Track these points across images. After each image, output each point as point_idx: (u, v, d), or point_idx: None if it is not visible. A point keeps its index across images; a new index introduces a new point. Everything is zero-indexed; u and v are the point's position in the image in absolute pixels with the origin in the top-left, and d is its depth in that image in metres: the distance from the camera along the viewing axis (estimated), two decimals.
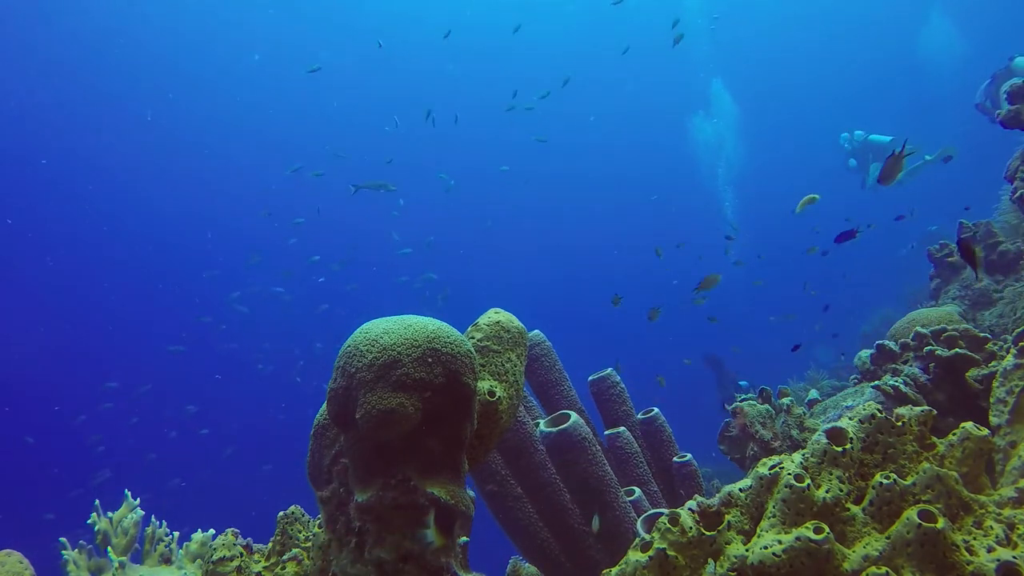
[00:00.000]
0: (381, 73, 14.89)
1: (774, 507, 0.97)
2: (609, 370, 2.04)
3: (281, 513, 1.46)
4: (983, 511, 0.95)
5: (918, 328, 2.00)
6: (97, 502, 1.78)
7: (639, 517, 1.64)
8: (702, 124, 13.52)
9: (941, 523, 0.87)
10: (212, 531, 1.79)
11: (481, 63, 15.35)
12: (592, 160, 16.87)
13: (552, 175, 16.15)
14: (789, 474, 0.97)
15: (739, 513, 1.00)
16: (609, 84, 15.60)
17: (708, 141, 13.35)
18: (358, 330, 0.98)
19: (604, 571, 1.07)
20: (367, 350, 0.93)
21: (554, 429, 1.64)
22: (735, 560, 0.94)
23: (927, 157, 5.61)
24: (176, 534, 1.85)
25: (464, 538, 1.01)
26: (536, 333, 1.90)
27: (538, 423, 1.72)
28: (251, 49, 14.62)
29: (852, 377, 2.67)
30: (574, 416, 1.65)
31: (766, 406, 2.24)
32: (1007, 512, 0.96)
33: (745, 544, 0.96)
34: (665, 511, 1.52)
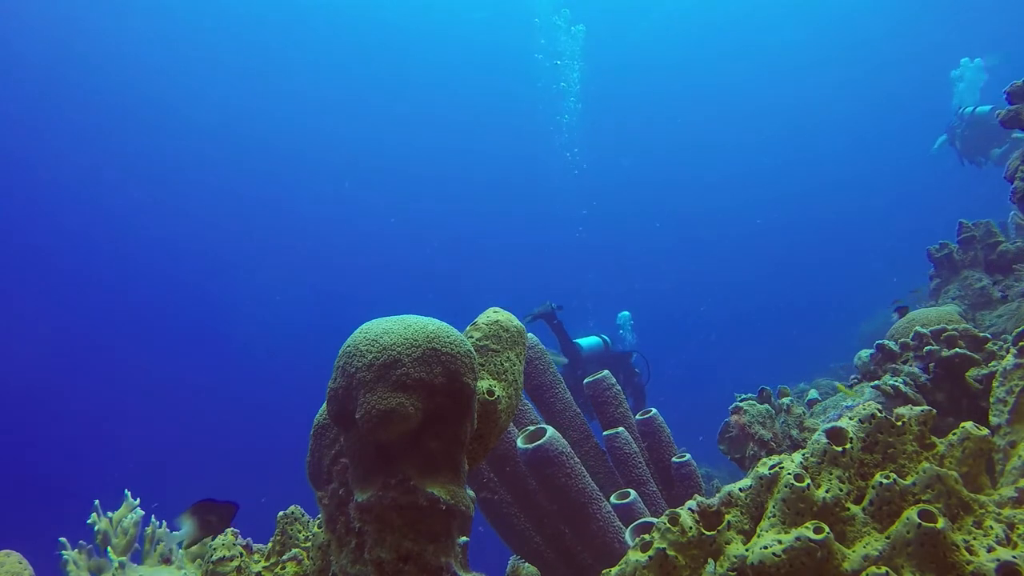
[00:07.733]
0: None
1: (774, 507, 0.97)
2: (605, 372, 2.04)
3: (281, 513, 1.46)
4: (983, 511, 0.95)
5: (918, 328, 2.00)
6: (97, 502, 1.78)
7: (634, 521, 1.64)
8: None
9: (941, 523, 0.87)
10: None
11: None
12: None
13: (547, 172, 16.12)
14: (789, 474, 0.97)
15: (739, 513, 1.00)
16: None
17: None
18: (358, 330, 0.97)
19: (604, 571, 1.07)
20: (367, 350, 0.93)
21: (530, 445, 1.61)
22: (735, 560, 0.94)
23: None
24: (176, 534, 1.84)
25: (464, 538, 1.01)
26: (530, 336, 1.90)
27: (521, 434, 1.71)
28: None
29: (852, 377, 2.67)
30: (550, 431, 1.63)
31: (766, 406, 2.23)
32: (1007, 512, 0.96)
33: (745, 544, 0.96)
34: (653, 519, 1.52)
